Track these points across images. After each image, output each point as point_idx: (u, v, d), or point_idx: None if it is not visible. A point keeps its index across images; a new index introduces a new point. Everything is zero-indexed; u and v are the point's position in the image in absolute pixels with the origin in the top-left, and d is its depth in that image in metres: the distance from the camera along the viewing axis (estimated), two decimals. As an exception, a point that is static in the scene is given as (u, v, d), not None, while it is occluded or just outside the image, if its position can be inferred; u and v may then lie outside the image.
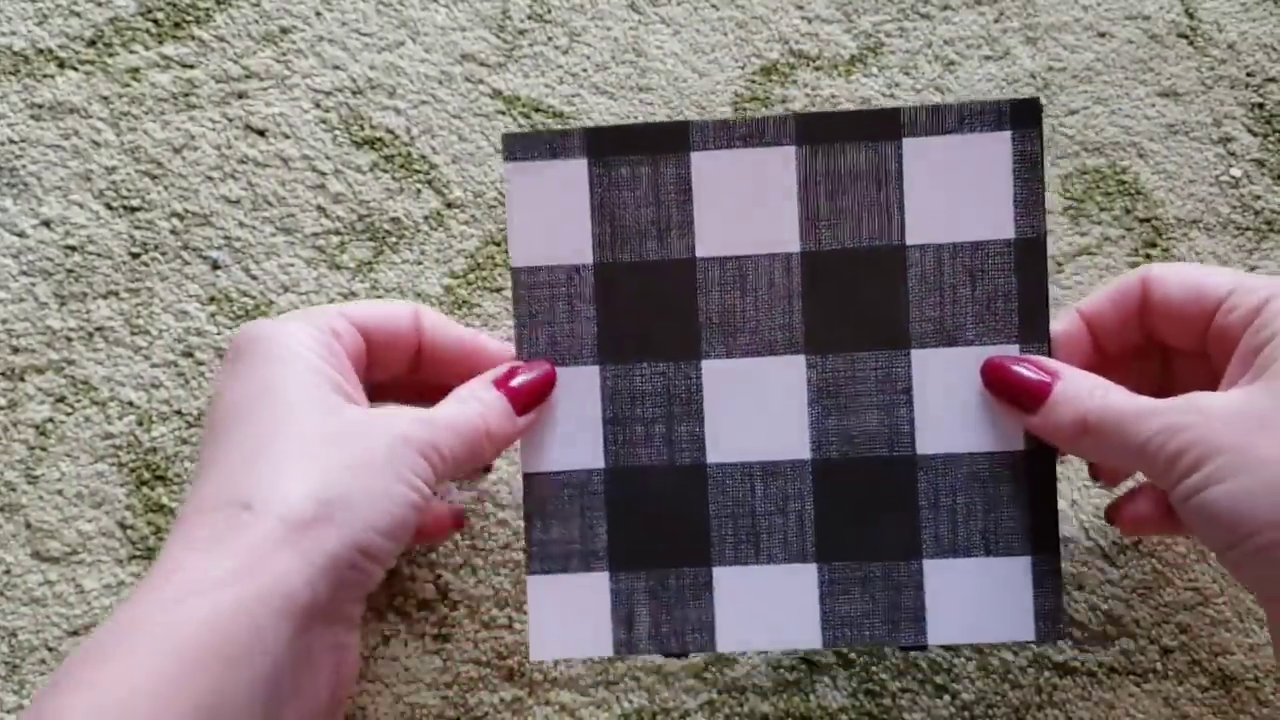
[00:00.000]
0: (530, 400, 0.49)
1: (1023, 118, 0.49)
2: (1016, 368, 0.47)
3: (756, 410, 0.50)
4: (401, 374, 0.50)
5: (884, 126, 0.49)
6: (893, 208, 0.49)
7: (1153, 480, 0.44)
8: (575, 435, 0.50)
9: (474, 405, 0.46)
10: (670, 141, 0.50)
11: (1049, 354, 0.48)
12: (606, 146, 0.50)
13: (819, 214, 0.50)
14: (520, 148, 0.50)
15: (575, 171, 0.50)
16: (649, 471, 0.50)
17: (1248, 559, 0.39)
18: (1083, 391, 0.44)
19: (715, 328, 0.50)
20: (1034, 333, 0.48)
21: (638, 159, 0.50)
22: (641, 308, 0.50)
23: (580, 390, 0.50)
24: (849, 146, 0.50)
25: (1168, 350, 0.49)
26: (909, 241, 0.49)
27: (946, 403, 0.49)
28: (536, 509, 0.50)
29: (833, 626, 0.49)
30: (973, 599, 0.48)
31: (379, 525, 0.41)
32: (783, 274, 0.50)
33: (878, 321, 0.50)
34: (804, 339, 0.50)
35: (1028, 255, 0.49)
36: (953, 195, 0.49)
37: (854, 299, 0.50)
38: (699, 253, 0.50)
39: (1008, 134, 0.49)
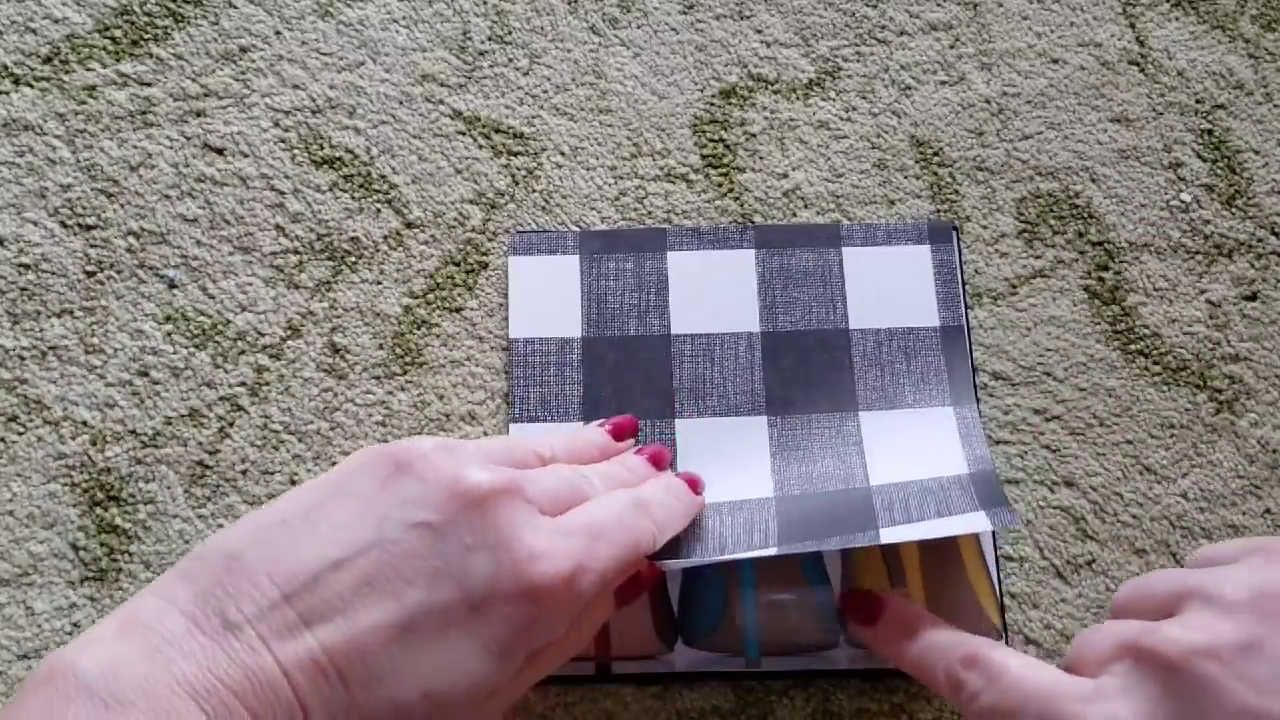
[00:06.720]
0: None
1: (938, 235, 0.58)
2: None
3: (725, 461, 0.55)
4: None
5: (826, 237, 0.58)
6: (836, 300, 0.57)
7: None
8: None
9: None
10: (651, 243, 0.58)
11: (979, 412, 0.55)
12: (596, 246, 0.58)
13: (775, 302, 0.57)
14: (524, 244, 0.58)
15: (569, 265, 0.58)
16: None
17: None
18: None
19: (688, 392, 0.56)
20: (962, 397, 0.56)
21: (623, 256, 0.58)
22: (623, 375, 0.56)
23: None
24: (799, 251, 0.58)
25: None
26: (851, 326, 0.57)
27: (894, 450, 0.55)
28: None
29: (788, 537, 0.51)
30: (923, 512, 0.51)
31: None
32: (746, 349, 0.57)
33: (829, 389, 0.56)
34: (765, 403, 0.56)
35: (952, 338, 0.57)
36: (886, 291, 0.57)
37: (808, 371, 0.56)
38: (674, 330, 0.57)
39: (927, 247, 0.58)
